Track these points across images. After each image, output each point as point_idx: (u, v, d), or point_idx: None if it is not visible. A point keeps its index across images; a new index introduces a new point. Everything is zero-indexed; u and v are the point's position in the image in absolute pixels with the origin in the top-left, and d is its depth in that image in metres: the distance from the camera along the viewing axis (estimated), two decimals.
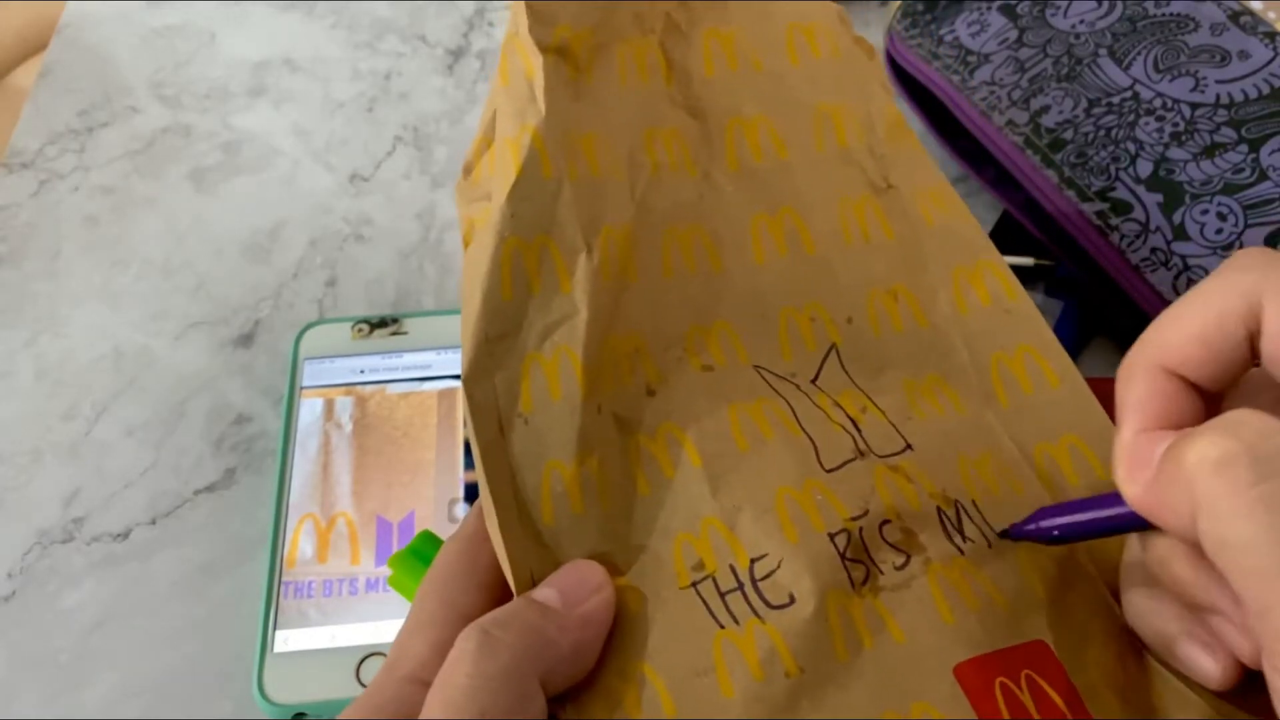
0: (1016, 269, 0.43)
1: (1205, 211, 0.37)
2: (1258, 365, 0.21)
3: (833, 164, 0.31)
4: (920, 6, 0.46)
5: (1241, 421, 0.18)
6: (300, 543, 0.36)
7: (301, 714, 0.33)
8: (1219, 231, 0.37)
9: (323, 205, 0.47)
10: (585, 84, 0.28)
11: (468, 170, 0.29)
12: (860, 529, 0.24)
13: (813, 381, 0.28)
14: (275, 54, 0.54)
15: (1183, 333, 0.21)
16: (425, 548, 0.30)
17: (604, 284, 0.26)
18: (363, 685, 0.33)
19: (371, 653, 0.33)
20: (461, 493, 0.37)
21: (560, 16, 0.28)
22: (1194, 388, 0.22)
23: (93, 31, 0.54)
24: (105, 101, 0.51)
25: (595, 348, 0.25)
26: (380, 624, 0.34)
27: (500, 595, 0.24)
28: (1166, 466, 0.19)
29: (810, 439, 0.26)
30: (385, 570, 0.35)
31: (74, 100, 0.51)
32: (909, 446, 0.27)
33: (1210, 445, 0.18)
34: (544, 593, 0.22)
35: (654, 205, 0.29)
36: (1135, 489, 0.21)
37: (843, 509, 0.24)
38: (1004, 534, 0.25)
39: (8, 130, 0.50)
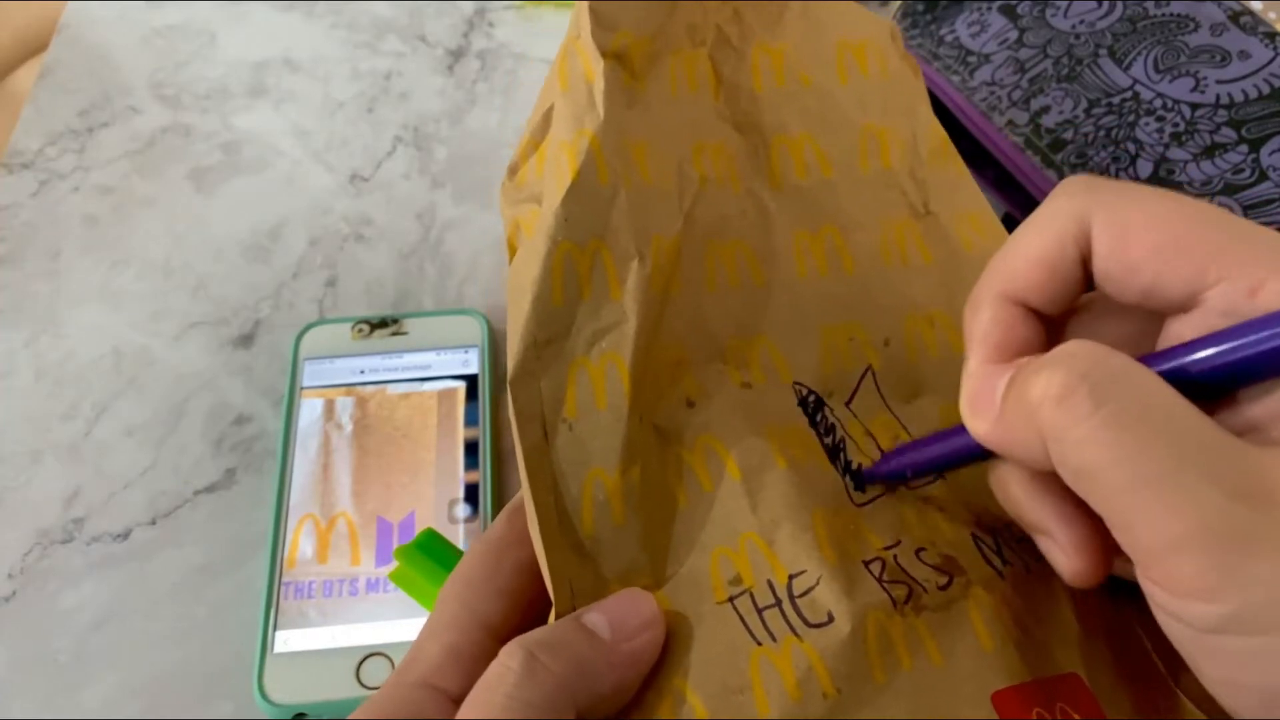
0: None
1: None
2: (1093, 290, 0.22)
3: (875, 186, 0.31)
4: (920, 6, 0.46)
5: (1075, 353, 0.19)
6: (300, 543, 0.36)
7: (301, 714, 0.33)
8: None
9: (323, 205, 0.47)
10: (639, 92, 0.28)
11: (513, 171, 0.29)
12: (895, 556, 0.24)
13: (847, 404, 0.28)
14: (275, 54, 0.54)
15: (1022, 259, 0.22)
16: (429, 543, 0.30)
17: (653, 294, 0.26)
18: (363, 685, 0.33)
19: (371, 653, 0.33)
20: (461, 493, 0.37)
21: (621, 22, 0.28)
22: (1036, 315, 0.22)
23: (93, 31, 0.54)
24: (105, 101, 0.51)
25: (642, 357, 0.25)
26: (380, 624, 0.34)
27: (522, 602, 0.24)
28: (1010, 402, 0.20)
29: (840, 475, 0.26)
30: (385, 571, 0.35)
31: (74, 100, 0.51)
32: (941, 476, 0.26)
33: (1049, 381, 0.19)
34: (594, 619, 0.22)
35: (699, 218, 0.28)
36: (983, 425, 0.21)
37: (875, 540, 0.24)
38: (858, 479, 0.26)
39: (8, 130, 0.50)
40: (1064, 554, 0.21)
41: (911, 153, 0.31)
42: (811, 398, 0.28)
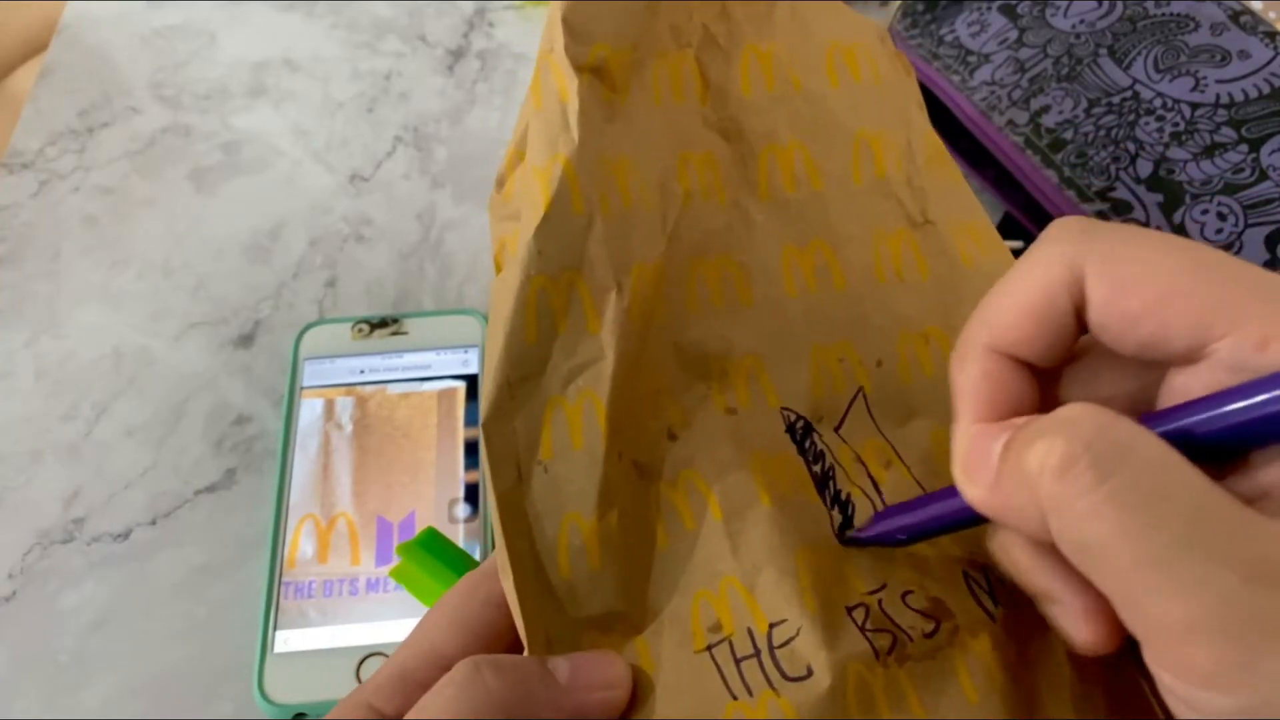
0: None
1: (1205, 211, 0.37)
2: (1085, 334, 0.21)
3: (869, 196, 0.30)
4: (920, 6, 0.46)
5: (1076, 419, 0.18)
6: (300, 543, 0.36)
7: (301, 714, 0.33)
8: (1219, 231, 0.37)
9: (323, 205, 0.47)
10: (620, 105, 0.27)
11: (500, 184, 0.28)
12: (880, 601, 0.23)
13: (836, 429, 0.27)
14: (275, 54, 0.54)
15: (1011, 311, 0.21)
16: (431, 541, 0.31)
17: (633, 326, 0.25)
18: None
19: (371, 653, 0.33)
20: (461, 493, 0.37)
21: (598, 33, 0.26)
22: (1027, 367, 0.21)
23: (93, 32, 0.54)
24: (105, 101, 0.51)
25: (620, 394, 0.24)
26: (380, 624, 0.34)
27: (485, 635, 0.23)
28: (1007, 469, 0.19)
29: (827, 509, 0.25)
30: (385, 570, 0.35)
31: (74, 100, 0.51)
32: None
33: (1049, 450, 0.18)
34: (557, 662, 0.22)
35: (683, 236, 0.27)
36: (978, 492, 0.20)
37: (859, 583, 0.24)
38: (847, 541, 0.25)
39: (8, 131, 0.50)
40: (1075, 622, 0.20)
41: (908, 159, 0.30)
42: (800, 423, 0.27)
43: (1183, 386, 0.19)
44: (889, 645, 0.23)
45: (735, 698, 0.22)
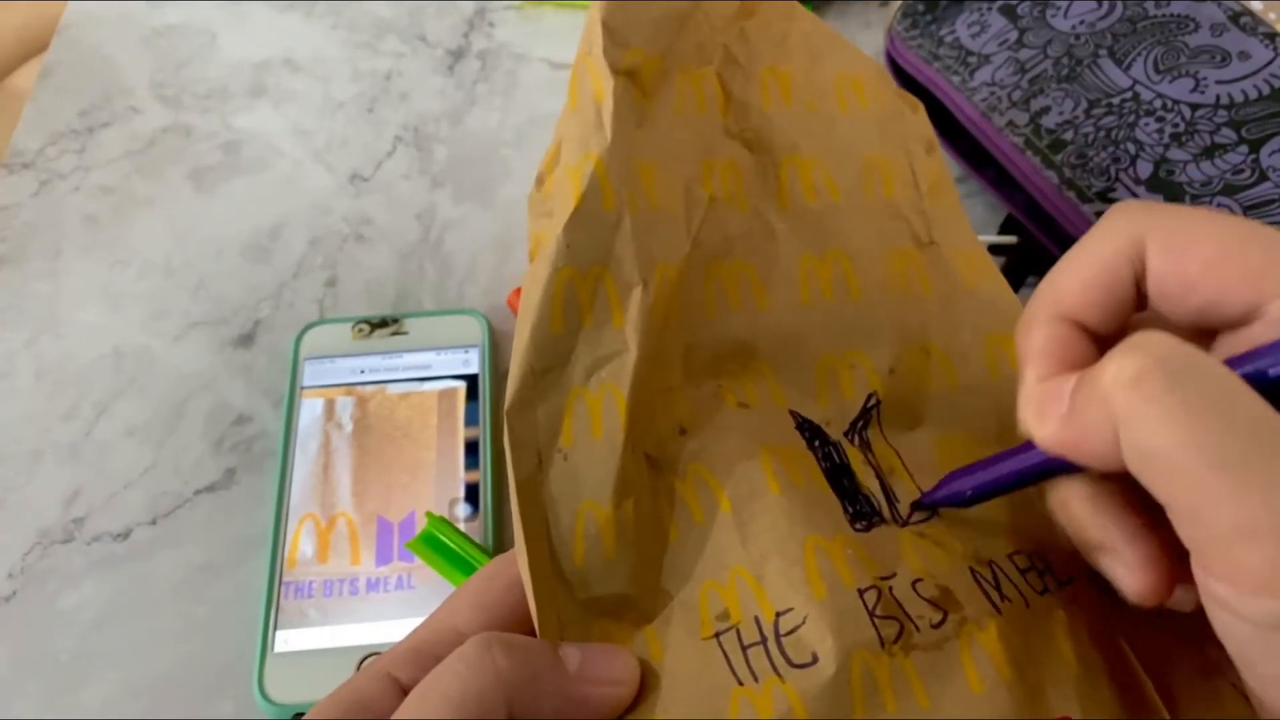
0: (1001, 247, 0.43)
1: None
2: (1144, 309, 0.22)
3: (881, 214, 0.31)
4: (920, 7, 0.46)
5: (1148, 340, 0.19)
6: (300, 543, 0.36)
7: (301, 714, 0.33)
8: None
9: (323, 205, 0.47)
10: (649, 110, 0.28)
11: (540, 182, 0.28)
12: (891, 587, 0.24)
13: (844, 434, 0.28)
14: (275, 54, 0.54)
15: (1076, 279, 0.22)
16: (449, 525, 0.33)
17: (654, 323, 0.25)
18: None
19: (371, 653, 0.33)
20: (462, 493, 0.37)
21: (634, 39, 0.27)
22: (1089, 335, 0.23)
23: (93, 31, 0.54)
24: (105, 101, 0.51)
25: (640, 387, 0.25)
26: (380, 624, 0.34)
27: (504, 617, 0.24)
28: (1080, 398, 0.20)
29: (839, 499, 0.26)
30: (385, 570, 0.35)
31: (74, 100, 0.51)
32: (936, 513, 0.26)
33: (1125, 364, 0.19)
34: (569, 651, 0.22)
35: (706, 240, 0.28)
36: (1050, 427, 0.21)
37: (873, 566, 0.24)
38: (916, 505, 0.26)
39: (8, 130, 0.50)
40: (1130, 571, 0.21)
41: (911, 187, 0.31)
42: (808, 426, 0.27)
43: (1237, 347, 0.20)
44: (895, 634, 0.23)
45: (741, 683, 0.22)
